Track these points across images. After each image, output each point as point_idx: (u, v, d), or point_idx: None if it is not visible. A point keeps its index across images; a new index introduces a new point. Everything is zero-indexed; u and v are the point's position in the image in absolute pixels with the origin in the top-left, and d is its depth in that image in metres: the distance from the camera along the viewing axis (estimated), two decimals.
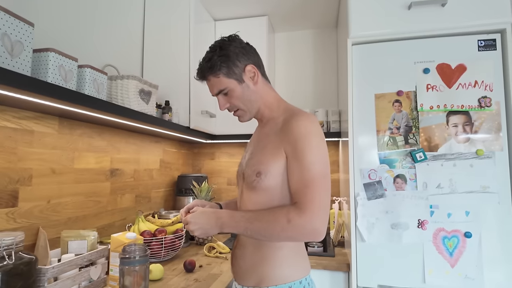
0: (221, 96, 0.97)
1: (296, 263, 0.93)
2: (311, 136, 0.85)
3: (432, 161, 1.34)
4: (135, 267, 0.87)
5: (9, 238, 0.83)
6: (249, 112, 0.98)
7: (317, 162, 0.84)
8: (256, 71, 0.96)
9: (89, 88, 1.07)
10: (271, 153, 0.90)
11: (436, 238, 1.31)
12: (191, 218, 0.88)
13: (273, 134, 0.93)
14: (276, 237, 0.84)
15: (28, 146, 1.05)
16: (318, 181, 0.83)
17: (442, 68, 1.36)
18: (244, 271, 0.95)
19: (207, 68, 0.94)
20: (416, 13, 1.38)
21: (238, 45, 0.95)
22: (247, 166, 0.96)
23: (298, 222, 0.80)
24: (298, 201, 0.83)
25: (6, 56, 0.79)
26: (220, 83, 0.94)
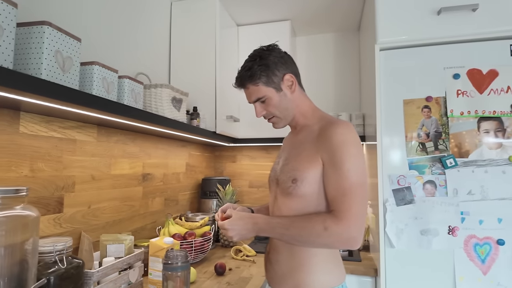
0: (258, 104, 1.00)
1: (333, 269, 0.95)
2: (349, 145, 0.86)
3: (462, 167, 1.33)
4: (177, 272, 0.90)
5: (61, 243, 0.88)
6: (284, 119, 1.01)
7: (355, 171, 0.85)
8: (294, 80, 0.99)
9: (128, 98, 1.11)
10: (307, 160, 0.91)
11: (467, 245, 1.30)
12: (229, 225, 0.90)
13: (308, 141, 0.95)
14: (312, 243, 0.87)
15: (71, 154, 1.09)
16: (355, 189, 0.84)
17: (472, 74, 1.34)
18: (280, 276, 0.97)
19: (247, 76, 0.96)
20: (446, 18, 1.37)
21: (277, 54, 0.98)
22: (281, 172, 0.98)
23: (335, 230, 0.82)
24: (335, 209, 0.85)
25: (59, 72, 0.83)
26: (258, 91, 0.96)
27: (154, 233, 1.58)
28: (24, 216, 0.74)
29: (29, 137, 0.94)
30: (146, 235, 1.52)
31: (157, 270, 1.06)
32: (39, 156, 0.97)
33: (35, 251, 0.78)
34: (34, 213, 0.76)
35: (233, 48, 2.04)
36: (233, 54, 2.03)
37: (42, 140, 0.99)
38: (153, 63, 1.66)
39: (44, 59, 0.79)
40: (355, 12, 2.00)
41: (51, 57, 0.80)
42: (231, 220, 0.92)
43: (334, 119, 0.95)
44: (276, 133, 2.03)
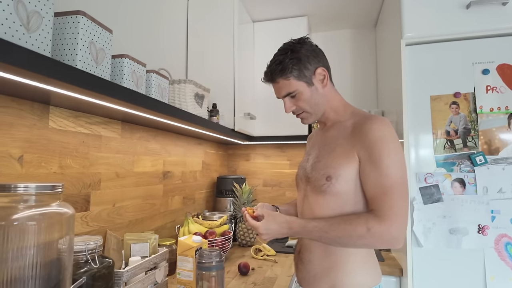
0: (288, 99, 0.96)
1: (369, 269, 0.92)
2: (388, 140, 0.83)
3: (492, 165, 1.30)
4: (212, 272, 0.87)
5: (93, 242, 0.85)
6: (315, 115, 0.98)
7: (395, 167, 0.82)
8: (326, 74, 0.95)
9: (155, 93, 1.08)
10: (342, 156, 0.88)
11: (498, 244, 1.27)
12: (264, 229, 0.88)
13: (342, 137, 0.92)
14: (353, 244, 0.85)
15: (97, 151, 1.06)
16: (396, 187, 0.81)
17: (503, 69, 1.31)
18: (313, 276, 0.94)
19: (278, 70, 0.92)
20: (475, 13, 1.34)
21: (309, 47, 0.94)
22: (313, 170, 0.94)
23: (378, 230, 0.79)
24: (376, 208, 0.82)
25: (93, 64, 0.80)
26: (289, 85, 0.93)
27: (174, 231, 1.55)
28: (61, 214, 0.71)
29: (58, 132, 0.91)
30: (166, 234, 1.49)
31: (187, 270, 1.03)
32: (68, 152, 0.94)
33: (71, 249, 0.75)
34: (70, 210, 0.73)
35: (249, 44, 2.01)
36: (249, 51, 2.00)
37: (70, 135, 0.95)
38: (170, 58, 1.63)
39: (79, 50, 0.76)
40: (373, 8, 1.97)
41: (85, 48, 0.77)
42: (265, 222, 0.89)
43: (368, 114, 0.92)
44: (292, 131, 2.01)
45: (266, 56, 2.05)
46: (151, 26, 1.44)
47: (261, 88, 2.07)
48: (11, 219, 0.64)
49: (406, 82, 1.41)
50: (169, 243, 1.30)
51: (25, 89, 0.71)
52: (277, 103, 2.02)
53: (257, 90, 2.07)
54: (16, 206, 0.66)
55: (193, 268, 1.03)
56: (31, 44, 0.62)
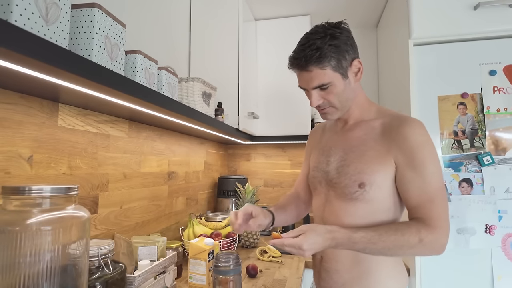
0: (317, 91, 0.84)
1: (397, 274, 0.90)
2: (429, 145, 0.80)
3: (500, 165, 1.31)
4: (229, 276, 0.85)
5: (105, 246, 0.81)
6: (341, 110, 0.89)
7: (438, 173, 0.79)
8: (361, 67, 0.86)
9: (166, 91, 1.04)
10: (375, 161, 0.82)
11: (505, 243, 1.29)
12: (308, 245, 0.75)
13: (371, 139, 0.85)
14: (401, 254, 0.81)
15: (105, 151, 1.02)
16: (441, 194, 0.79)
17: (509, 70, 1.33)
18: (341, 285, 0.89)
19: (316, 57, 0.79)
20: (482, 14, 1.34)
21: (348, 35, 0.84)
22: (341, 174, 0.87)
23: (430, 240, 0.76)
24: (423, 217, 0.78)
25: (108, 59, 0.76)
26: (324, 76, 0.81)
27: (178, 233, 1.52)
28: (77, 217, 0.67)
29: (67, 131, 0.87)
30: (171, 235, 1.46)
31: (199, 274, 1.00)
32: (76, 152, 0.90)
33: (86, 255, 0.71)
34: (86, 214, 0.69)
35: (252, 43, 1.98)
36: (252, 49, 1.98)
37: (79, 134, 0.91)
38: (173, 57, 1.59)
39: (94, 45, 0.72)
40: (376, 8, 1.97)
41: (100, 43, 0.73)
42: (307, 238, 0.76)
43: (399, 114, 0.86)
44: (293, 131, 1.99)
45: (268, 55, 2.05)
46: (154, 22, 1.39)
47: (262, 87, 2.05)
48: (25, 224, 0.60)
49: (413, 82, 1.41)
50: (175, 246, 1.26)
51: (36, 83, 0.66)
52: (279, 102, 2.00)
53: (259, 89, 2.05)
54: (31, 210, 0.62)
55: (206, 271, 1.00)
56: (50, 37, 0.58)
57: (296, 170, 2.23)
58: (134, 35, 1.20)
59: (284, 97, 2.00)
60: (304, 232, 0.77)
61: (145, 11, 1.30)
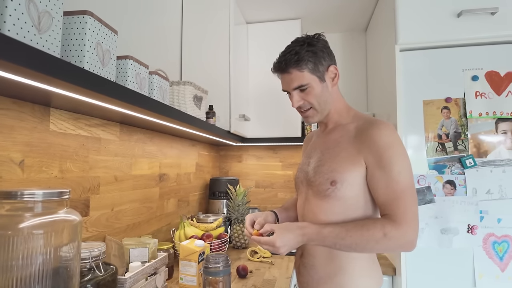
0: (297, 92, 0.93)
1: (372, 273, 0.93)
2: (396, 146, 0.84)
3: (481, 167, 1.36)
4: (219, 277, 0.87)
5: (97, 249, 0.82)
6: (321, 113, 0.97)
7: (405, 172, 0.83)
8: (337, 73, 0.95)
9: (157, 95, 1.06)
10: (347, 161, 0.88)
11: (486, 243, 1.34)
12: (281, 242, 0.82)
13: (346, 141, 0.91)
14: (369, 250, 0.84)
15: (97, 154, 1.03)
16: (408, 192, 0.82)
17: (491, 76, 1.38)
18: (317, 280, 0.94)
19: (294, 61, 0.90)
20: (466, 21, 1.39)
21: (325, 44, 0.94)
22: (316, 174, 0.94)
23: (395, 235, 0.79)
24: (390, 213, 0.82)
25: (99, 66, 0.78)
26: (302, 78, 0.91)
27: (169, 235, 1.53)
28: (69, 221, 0.68)
29: (58, 135, 0.88)
30: (162, 237, 1.47)
31: (190, 275, 1.02)
32: (68, 155, 0.91)
33: (78, 257, 0.72)
34: (78, 217, 0.71)
35: (243, 46, 2.01)
36: (243, 52, 2.00)
37: (70, 138, 0.92)
38: (165, 60, 1.60)
39: (86, 52, 0.73)
40: (364, 12, 2.01)
41: (92, 50, 0.75)
42: (279, 235, 0.83)
43: (372, 118, 0.92)
44: (284, 133, 2.02)
45: (259, 58, 2.07)
46: (145, 27, 1.41)
47: (253, 89, 2.07)
48: (17, 228, 0.61)
49: (400, 87, 1.45)
50: (166, 247, 1.28)
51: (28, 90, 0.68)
52: (270, 105, 2.03)
53: (250, 92, 2.07)
54: (23, 214, 0.63)
55: (196, 272, 1.02)
56: (42, 45, 0.60)
57: (287, 172, 2.26)
58: (126, 40, 1.21)
59: (275, 99, 2.03)
60: (277, 230, 0.84)
61: (136, 16, 1.31)
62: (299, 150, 2.26)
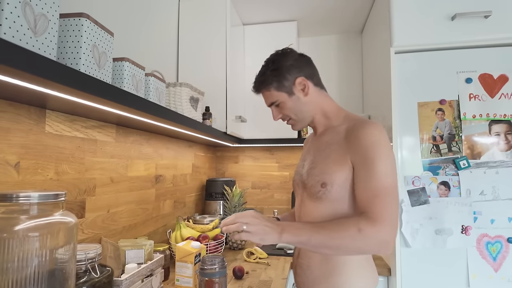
0: (274, 107, 1.01)
1: (367, 274, 0.93)
2: (380, 145, 0.83)
3: (475, 169, 1.37)
4: (215, 278, 0.87)
5: (92, 251, 0.82)
6: (301, 121, 1.00)
7: (387, 172, 0.81)
8: (306, 83, 0.96)
9: (153, 97, 1.06)
10: (335, 162, 0.88)
11: (480, 243, 1.35)
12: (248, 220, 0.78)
13: (335, 143, 0.92)
14: (344, 248, 0.79)
15: (93, 156, 1.03)
16: (388, 191, 0.80)
17: (484, 78, 1.39)
18: (312, 281, 0.95)
19: (260, 82, 0.99)
20: (459, 24, 1.41)
21: (291, 58, 0.97)
22: (309, 176, 0.95)
23: (369, 232, 0.76)
24: (367, 210, 0.80)
25: (95, 68, 0.78)
26: (271, 96, 0.98)
27: (165, 236, 1.53)
28: (65, 223, 0.68)
29: (54, 137, 0.88)
30: (158, 239, 1.47)
31: (186, 276, 1.02)
32: (64, 157, 0.91)
33: (73, 259, 0.72)
34: (73, 219, 0.71)
35: (239, 47, 2.01)
36: (239, 54, 2.00)
37: (66, 140, 0.92)
38: (161, 61, 1.60)
39: (82, 54, 0.73)
40: (360, 15, 2.02)
41: (88, 52, 0.75)
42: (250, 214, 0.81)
43: (362, 118, 0.92)
44: (280, 134, 2.03)
45: (256, 59, 2.08)
46: (142, 28, 1.41)
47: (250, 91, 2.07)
48: (13, 230, 0.61)
49: (395, 88, 1.46)
50: (163, 249, 1.28)
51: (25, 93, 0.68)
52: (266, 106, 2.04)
53: (246, 93, 2.08)
54: (18, 216, 0.63)
55: (193, 274, 1.02)
56: (38, 48, 0.60)
57: (284, 173, 2.27)
58: (122, 42, 1.21)
59: None
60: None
61: (133, 18, 1.32)
62: (296, 151, 2.27)
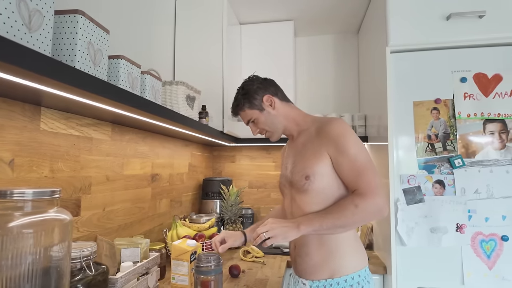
0: (251, 124, 1.16)
1: (359, 253, 1.04)
2: (347, 134, 0.98)
3: (469, 167, 1.38)
4: (211, 276, 0.87)
5: (87, 249, 0.82)
6: (276, 132, 1.15)
7: (361, 152, 0.96)
8: (272, 99, 1.13)
9: (149, 95, 1.06)
10: (313, 157, 1.01)
11: (474, 241, 1.36)
12: (267, 228, 0.92)
13: (309, 142, 1.06)
14: (351, 223, 0.94)
15: (88, 154, 1.03)
16: (367, 167, 0.95)
17: (478, 78, 1.41)
18: (313, 266, 1.03)
19: (235, 106, 1.17)
20: (454, 24, 1.42)
21: (257, 82, 1.15)
22: (293, 174, 1.06)
23: (364, 204, 0.91)
24: (357, 188, 0.95)
25: (91, 65, 0.78)
26: (246, 115, 1.15)
27: (162, 235, 1.53)
28: (59, 220, 0.68)
29: (49, 135, 0.87)
30: (154, 237, 1.47)
31: (182, 274, 1.02)
32: (59, 155, 0.90)
33: (68, 257, 0.72)
34: (68, 216, 0.70)
35: (236, 46, 2.01)
36: (236, 53, 2.00)
37: (61, 138, 0.92)
38: (157, 60, 1.60)
39: (77, 51, 0.73)
40: (357, 14, 2.03)
41: (84, 49, 0.75)
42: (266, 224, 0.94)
43: (326, 118, 1.08)
44: None
45: (253, 58, 2.08)
46: (138, 26, 1.40)
47: None
48: (7, 227, 0.61)
49: (390, 88, 1.47)
50: (159, 247, 1.27)
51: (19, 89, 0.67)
52: None
53: None
54: (12, 213, 0.63)
55: (188, 272, 1.02)
56: (32, 44, 0.60)
57: None
58: (118, 40, 1.21)
59: None
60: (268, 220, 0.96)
61: (129, 15, 1.31)
62: None
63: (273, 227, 0.91)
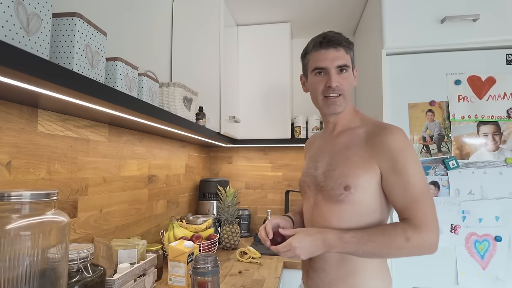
0: (337, 72, 0.93)
1: (383, 275, 0.92)
2: (409, 150, 0.84)
3: (464, 169, 1.40)
4: (208, 277, 0.88)
5: (85, 250, 0.82)
6: (345, 104, 0.96)
7: (420, 175, 0.83)
8: (356, 76, 1.01)
9: (146, 97, 1.06)
10: (359, 166, 0.87)
11: (468, 242, 1.38)
12: (297, 243, 0.83)
13: (356, 146, 0.91)
14: (392, 255, 0.84)
15: (85, 155, 1.03)
16: (425, 194, 0.83)
17: (472, 80, 1.43)
18: (328, 283, 0.92)
19: (345, 40, 0.94)
20: (449, 27, 1.44)
21: None
22: (327, 178, 0.92)
23: (417, 239, 0.79)
24: (410, 217, 0.82)
25: (88, 67, 0.78)
26: (346, 59, 0.93)
27: (158, 236, 1.53)
28: (57, 222, 0.68)
29: (46, 137, 0.87)
30: (151, 239, 1.47)
31: (179, 275, 1.03)
32: (56, 157, 0.91)
33: (66, 259, 0.72)
34: (66, 218, 0.71)
35: (233, 48, 2.02)
36: (233, 54, 2.01)
37: (58, 139, 0.92)
38: (155, 61, 1.60)
39: (75, 53, 0.73)
40: (352, 17, 2.05)
41: (81, 52, 0.75)
42: (298, 237, 0.85)
43: (381, 122, 0.93)
44: (274, 135, 2.04)
45: (250, 60, 2.09)
46: (135, 28, 1.41)
47: (243, 91, 2.09)
48: (4, 229, 0.61)
49: (386, 90, 1.48)
50: (156, 249, 1.28)
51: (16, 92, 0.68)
52: (260, 106, 2.05)
53: (240, 93, 2.09)
54: (10, 215, 0.63)
55: (185, 273, 1.03)
56: (30, 48, 0.60)
57: (277, 173, 2.28)
58: (116, 42, 1.21)
59: (265, 101, 2.05)
60: (297, 233, 0.85)
61: (126, 18, 1.31)
62: (289, 151, 2.28)
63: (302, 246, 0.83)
